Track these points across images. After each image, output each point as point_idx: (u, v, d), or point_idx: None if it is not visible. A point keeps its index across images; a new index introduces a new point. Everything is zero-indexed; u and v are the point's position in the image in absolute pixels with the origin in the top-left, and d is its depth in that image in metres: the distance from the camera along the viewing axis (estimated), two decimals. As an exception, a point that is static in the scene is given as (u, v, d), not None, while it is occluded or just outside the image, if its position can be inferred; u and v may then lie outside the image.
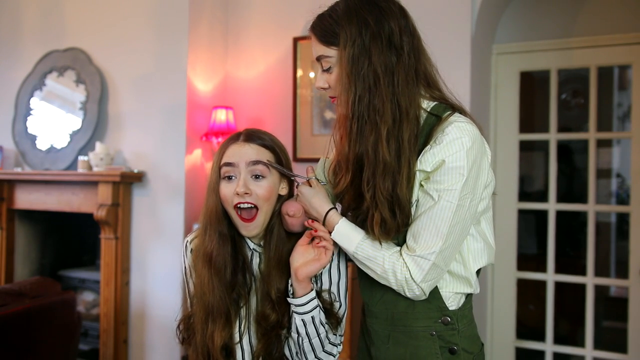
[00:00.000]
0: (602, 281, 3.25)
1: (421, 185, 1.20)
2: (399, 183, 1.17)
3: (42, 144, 3.71)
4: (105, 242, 3.34)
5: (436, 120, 1.21)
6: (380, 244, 1.22)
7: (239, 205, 1.28)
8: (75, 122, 3.58)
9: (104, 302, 3.34)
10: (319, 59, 1.26)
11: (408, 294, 1.22)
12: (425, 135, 1.21)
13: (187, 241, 1.41)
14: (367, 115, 1.18)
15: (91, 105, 3.50)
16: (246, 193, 1.27)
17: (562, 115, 3.56)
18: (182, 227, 3.22)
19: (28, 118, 3.79)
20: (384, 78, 1.17)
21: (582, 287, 3.06)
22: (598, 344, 3.06)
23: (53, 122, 3.69)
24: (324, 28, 1.24)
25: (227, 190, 1.29)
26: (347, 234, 1.24)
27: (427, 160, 1.18)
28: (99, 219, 3.27)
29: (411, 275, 1.18)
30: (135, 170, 3.34)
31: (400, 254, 1.21)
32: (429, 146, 1.18)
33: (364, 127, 1.18)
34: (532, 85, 3.60)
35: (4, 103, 3.93)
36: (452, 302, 1.26)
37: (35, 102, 3.77)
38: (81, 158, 3.43)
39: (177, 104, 3.26)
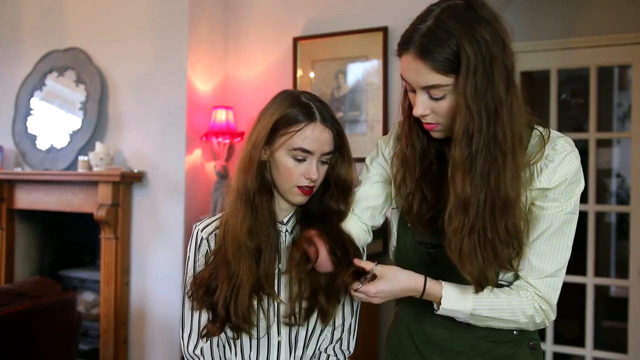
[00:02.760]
0: (602, 281, 3.25)
1: (532, 203, 1.15)
2: (517, 215, 1.10)
3: (42, 144, 3.71)
4: (105, 242, 3.34)
5: (540, 138, 1.15)
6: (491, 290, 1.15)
7: (304, 187, 1.25)
8: (75, 122, 3.58)
9: (104, 302, 3.34)
10: (426, 87, 1.09)
11: (538, 322, 1.18)
12: (529, 152, 1.15)
13: (203, 231, 1.35)
14: (487, 149, 1.06)
15: (91, 105, 3.50)
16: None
17: (562, 115, 3.56)
18: (182, 227, 3.22)
19: (28, 118, 3.78)
20: (505, 104, 1.06)
21: (582, 287, 3.06)
22: (598, 344, 3.06)
23: (53, 122, 3.69)
24: (442, 54, 1.05)
25: (297, 170, 1.24)
26: (459, 294, 1.15)
27: (545, 178, 1.13)
28: (99, 219, 3.27)
29: (547, 302, 1.16)
30: (135, 170, 3.34)
31: (519, 287, 1.16)
32: (542, 163, 1.13)
33: (484, 162, 1.06)
34: (532, 85, 3.60)
35: (4, 103, 3.93)
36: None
37: (35, 102, 3.77)
38: (81, 158, 3.43)
39: (177, 104, 3.26)
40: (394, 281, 1.16)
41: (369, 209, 1.31)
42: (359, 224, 1.29)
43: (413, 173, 1.21)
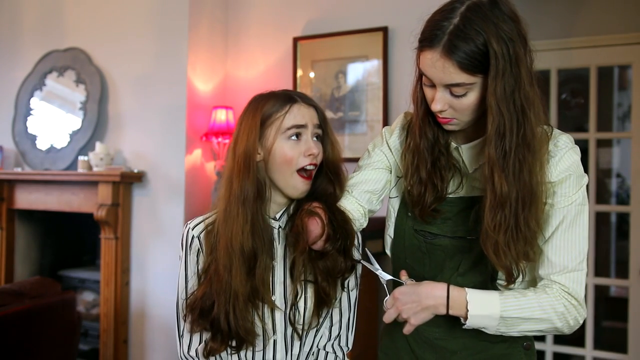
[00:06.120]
0: (602, 281, 3.24)
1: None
2: (540, 209, 1.12)
3: (42, 144, 3.71)
4: (105, 242, 3.34)
5: (544, 134, 1.16)
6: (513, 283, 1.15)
7: (307, 167, 1.24)
8: (75, 122, 3.58)
9: (104, 302, 3.34)
10: (449, 85, 1.09)
11: (572, 323, 1.14)
12: None
13: (194, 229, 1.35)
14: (517, 147, 1.08)
15: (91, 105, 3.50)
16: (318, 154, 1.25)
17: (562, 115, 3.56)
18: (182, 227, 3.21)
19: (28, 118, 3.79)
20: (531, 103, 1.08)
21: (582, 287, 3.05)
22: (598, 344, 3.06)
23: (53, 122, 3.69)
24: (471, 53, 1.04)
25: (295, 151, 1.23)
26: (485, 298, 1.13)
27: (550, 172, 1.14)
28: (99, 219, 3.27)
29: (575, 298, 1.13)
30: (135, 170, 3.34)
31: (545, 285, 1.15)
32: (544, 158, 1.14)
33: (515, 161, 1.08)
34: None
35: (4, 103, 3.93)
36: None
37: (35, 102, 3.77)
38: (81, 158, 3.43)
39: (177, 104, 3.26)
40: (417, 286, 1.17)
41: (367, 192, 1.30)
42: (356, 206, 1.29)
43: (425, 163, 1.21)
